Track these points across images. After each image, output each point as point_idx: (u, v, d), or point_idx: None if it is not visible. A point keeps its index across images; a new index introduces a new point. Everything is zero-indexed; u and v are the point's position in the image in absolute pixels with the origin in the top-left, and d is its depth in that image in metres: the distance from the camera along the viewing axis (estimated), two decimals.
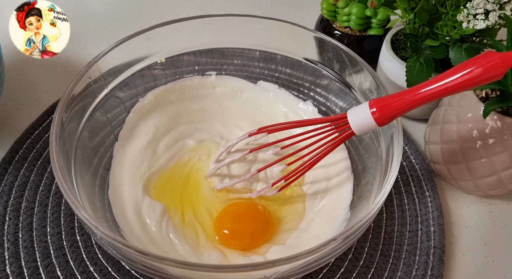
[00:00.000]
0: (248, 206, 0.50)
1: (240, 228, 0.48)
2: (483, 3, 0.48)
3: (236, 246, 0.47)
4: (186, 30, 0.54)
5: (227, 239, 0.47)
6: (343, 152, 0.55)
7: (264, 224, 0.49)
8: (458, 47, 0.52)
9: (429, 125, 0.57)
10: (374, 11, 0.63)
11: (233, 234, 0.47)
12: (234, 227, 0.48)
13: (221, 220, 0.49)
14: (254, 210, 0.50)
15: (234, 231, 0.48)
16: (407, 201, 0.54)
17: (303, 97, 0.60)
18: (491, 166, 0.50)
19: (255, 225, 0.49)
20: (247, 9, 0.81)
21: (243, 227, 0.48)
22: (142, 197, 0.49)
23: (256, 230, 0.48)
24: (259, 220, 0.49)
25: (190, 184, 0.52)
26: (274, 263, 0.36)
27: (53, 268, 0.46)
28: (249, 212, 0.50)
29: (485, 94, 0.51)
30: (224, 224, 0.48)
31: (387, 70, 0.60)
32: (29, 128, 0.58)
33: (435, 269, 0.49)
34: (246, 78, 0.61)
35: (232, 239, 0.47)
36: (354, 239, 0.40)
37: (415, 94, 0.39)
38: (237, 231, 0.48)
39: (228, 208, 0.50)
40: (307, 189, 0.53)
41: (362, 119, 0.42)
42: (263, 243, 0.48)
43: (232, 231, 0.48)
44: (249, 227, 0.48)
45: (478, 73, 0.36)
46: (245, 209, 0.50)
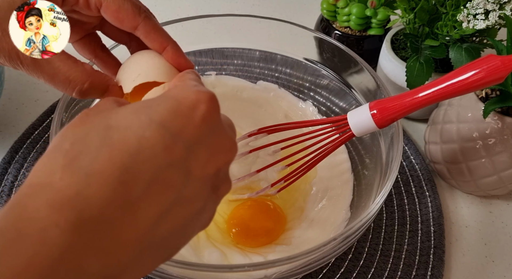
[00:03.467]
0: (260, 204, 0.51)
1: (256, 226, 0.49)
2: (483, 3, 0.48)
3: (251, 244, 0.48)
4: (186, 30, 0.54)
5: (243, 237, 0.48)
6: (344, 152, 0.55)
7: (277, 221, 0.49)
8: (458, 47, 0.52)
9: (429, 125, 0.57)
10: (374, 11, 0.63)
11: (248, 233, 0.48)
12: (250, 226, 0.49)
13: (235, 218, 0.49)
14: (267, 207, 0.50)
15: (249, 229, 0.48)
16: (407, 201, 0.54)
17: (303, 97, 0.60)
18: (491, 166, 0.50)
19: (269, 222, 0.49)
20: (247, 9, 0.81)
21: (259, 225, 0.49)
22: None
23: (271, 228, 0.49)
24: (272, 218, 0.49)
25: None
26: (274, 263, 0.36)
27: None
28: (262, 210, 0.50)
29: (485, 94, 0.51)
30: (239, 223, 0.49)
31: (387, 70, 0.60)
32: (29, 128, 0.58)
33: (435, 269, 0.49)
34: (246, 78, 0.61)
35: (248, 237, 0.48)
36: (354, 239, 0.40)
37: (416, 97, 0.39)
38: (253, 230, 0.48)
39: (241, 206, 0.50)
40: (308, 189, 0.53)
41: (362, 121, 0.42)
42: (275, 240, 0.48)
43: (247, 230, 0.48)
44: (264, 224, 0.49)
45: (479, 77, 0.36)
46: (258, 207, 0.51)
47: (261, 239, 0.48)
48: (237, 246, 0.47)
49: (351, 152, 0.55)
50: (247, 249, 0.47)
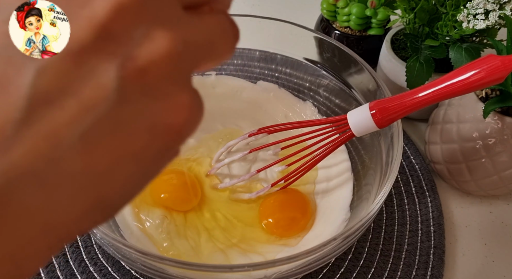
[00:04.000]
0: (291, 193, 0.52)
1: (290, 215, 0.50)
2: (483, 3, 0.48)
3: (284, 234, 0.49)
4: None
5: (279, 227, 0.49)
6: (343, 152, 0.55)
7: (307, 210, 0.50)
8: (458, 47, 0.52)
9: (429, 126, 0.57)
10: (374, 11, 0.63)
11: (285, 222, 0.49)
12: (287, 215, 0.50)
13: (270, 208, 0.50)
14: (298, 196, 0.51)
15: (286, 219, 0.50)
16: (407, 201, 0.54)
17: (303, 97, 0.60)
18: (491, 166, 0.50)
19: (301, 212, 0.50)
20: (247, 9, 0.81)
21: (293, 214, 0.50)
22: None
23: (304, 217, 0.50)
24: (303, 207, 0.51)
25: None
26: (274, 263, 0.36)
27: (53, 268, 0.46)
28: (293, 199, 0.51)
29: (485, 94, 0.51)
30: (276, 213, 0.50)
31: (387, 70, 0.60)
32: None
33: (435, 269, 0.49)
34: (246, 78, 0.61)
35: (283, 227, 0.49)
36: (354, 239, 0.40)
37: (416, 97, 0.39)
38: (289, 219, 0.50)
39: (274, 196, 0.51)
40: (308, 189, 0.53)
41: (362, 121, 0.42)
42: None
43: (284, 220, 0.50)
44: (298, 213, 0.50)
45: (478, 77, 0.36)
46: (289, 197, 0.51)
47: (296, 226, 0.49)
48: (238, 246, 0.47)
49: (351, 152, 0.55)
50: (248, 249, 0.47)
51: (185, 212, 0.50)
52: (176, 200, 0.50)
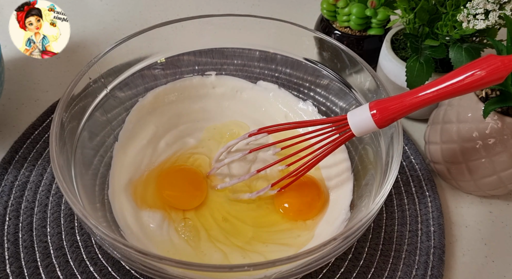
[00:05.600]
0: (305, 178, 0.52)
1: (307, 199, 0.51)
2: (483, 3, 0.48)
3: (300, 217, 0.50)
4: (186, 30, 0.54)
5: (295, 211, 0.50)
6: (343, 152, 0.55)
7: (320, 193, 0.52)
8: (458, 47, 0.52)
9: (429, 125, 0.57)
10: (374, 11, 0.63)
11: (302, 206, 0.51)
12: (303, 200, 0.51)
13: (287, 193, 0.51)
14: (311, 182, 0.52)
15: (303, 203, 0.51)
16: (407, 201, 0.54)
17: (303, 97, 0.60)
18: (491, 166, 0.50)
19: (316, 196, 0.51)
20: (247, 9, 0.81)
21: (310, 198, 0.51)
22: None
23: (320, 200, 0.51)
24: (318, 190, 0.52)
25: None
26: (274, 263, 0.36)
27: (53, 268, 0.46)
28: (307, 184, 0.52)
29: (485, 94, 0.51)
30: (292, 197, 0.51)
31: (387, 70, 0.60)
32: (29, 128, 0.58)
33: (435, 269, 0.49)
34: (246, 78, 0.61)
35: (299, 211, 0.50)
36: (354, 239, 0.40)
37: (416, 97, 0.39)
38: (307, 203, 0.51)
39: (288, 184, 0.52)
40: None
41: (362, 121, 0.42)
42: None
43: (300, 204, 0.51)
44: (315, 197, 0.51)
45: (479, 77, 0.36)
46: (304, 182, 0.52)
47: (314, 209, 0.50)
48: (238, 246, 0.47)
49: (351, 152, 0.55)
50: (248, 248, 0.47)
51: (184, 212, 0.50)
52: (183, 196, 0.50)
